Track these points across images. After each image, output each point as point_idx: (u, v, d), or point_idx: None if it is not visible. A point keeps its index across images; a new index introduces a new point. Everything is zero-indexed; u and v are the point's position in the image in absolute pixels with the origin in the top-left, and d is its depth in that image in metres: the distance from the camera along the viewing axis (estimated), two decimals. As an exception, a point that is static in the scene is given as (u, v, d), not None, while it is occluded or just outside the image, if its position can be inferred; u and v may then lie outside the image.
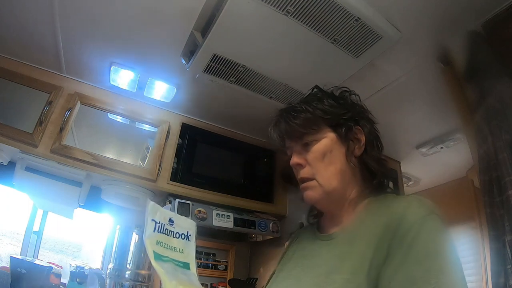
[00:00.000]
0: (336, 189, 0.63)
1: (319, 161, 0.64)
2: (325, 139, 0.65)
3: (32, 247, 1.56)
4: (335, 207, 0.66)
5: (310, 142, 0.66)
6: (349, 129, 0.66)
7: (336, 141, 0.65)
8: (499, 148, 0.87)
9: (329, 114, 0.66)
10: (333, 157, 0.64)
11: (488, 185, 0.89)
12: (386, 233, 0.52)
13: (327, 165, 0.63)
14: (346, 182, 0.64)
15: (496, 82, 0.94)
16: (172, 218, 0.59)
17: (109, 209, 1.66)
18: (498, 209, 0.84)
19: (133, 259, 1.51)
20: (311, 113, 0.66)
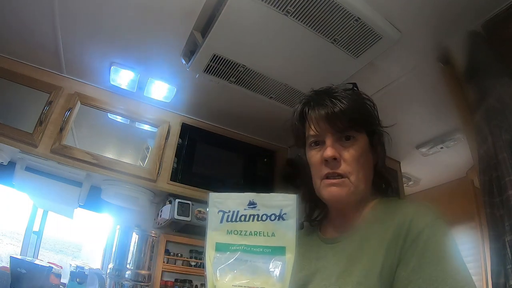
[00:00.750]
0: (362, 192, 0.62)
1: (356, 161, 0.60)
2: (363, 140, 0.63)
3: (32, 247, 1.56)
4: (350, 209, 0.65)
5: (351, 138, 0.61)
6: (378, 136, 0.66)
7: (368, 146, 0.64)
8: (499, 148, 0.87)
9: (371, 117, 0.66)
10: (366, 160, 0.62)
11: (488, 185, 0.89)
12: (397, 237, 0.52)
13: (361, 167, 0.61)
14: (369, 187, 0.64)
15: (496, 82, 0.94)
16: (254, 200, 0.51)
17: (109, 209, 1.66)
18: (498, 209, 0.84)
19: (133, 259, 1.51)
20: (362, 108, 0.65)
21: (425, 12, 1.02)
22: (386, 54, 1.15)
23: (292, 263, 0.47)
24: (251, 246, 0.47)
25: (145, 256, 1.55)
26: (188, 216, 1.47)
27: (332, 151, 0.60)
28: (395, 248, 0.51)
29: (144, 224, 1.67)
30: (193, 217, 1.49)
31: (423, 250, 0.49)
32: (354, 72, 1.25)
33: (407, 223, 0.53)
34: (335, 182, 0.60)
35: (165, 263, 1.67)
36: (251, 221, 0.49)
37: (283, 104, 1.47)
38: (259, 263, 0.46)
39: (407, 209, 0.57)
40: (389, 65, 1.24)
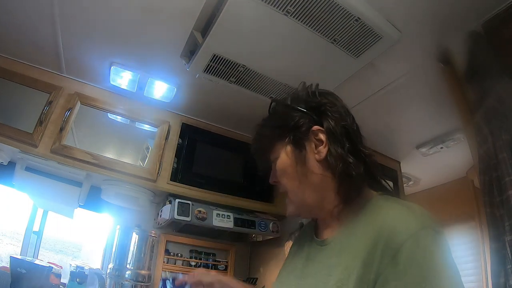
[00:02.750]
0: (308, 201, 0.61)
1: (282, 178, 0.64)
2: (282, 155, 0.63)
3: (32, 247, 1.56)
4: (317, 216, 0.66)
5: (274, 160, 0.65)
6: (302, 135, 0.61)
7: (292, 152, 0.61)
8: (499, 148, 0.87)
9: (277, 129, 0.64)
10: (294, 170, 0.61)
11: (488, 185, 0.89)
12: (375, 248, 0.47)
13: (291, 180, 0.62)
14: (318, 190, 0.60)
15: (496, 82, 0.94)
16: None
17: (109, 209, 1.66)
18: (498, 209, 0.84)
19: (133, 259, 1.51)
20: (264, 134, 0.67)
21: (425, 12, 1.02)
22: (386, 54, 1.15)
23: None
24: None
25: (145, 256, 1.55)
26: (188, 216, 1.47)
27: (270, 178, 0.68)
28: (374, 261, 0.46)
29: (144, 224, 1.67)
30: (193, 217, 1.49)
31: (404, 270, 0.43)
32: (354, 72, 1.25)
33: (387, 233, 0.47)
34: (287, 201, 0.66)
35: (165, 263, 1.67)
36: None
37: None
38: None
39: (388, 214, 0.51)
40: (389, 65, 1.24)
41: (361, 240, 0.51)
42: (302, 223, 1.63)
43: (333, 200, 0.60)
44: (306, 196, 0.61)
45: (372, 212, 0.55)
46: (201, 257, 1.79)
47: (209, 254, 1.84)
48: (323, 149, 0.59)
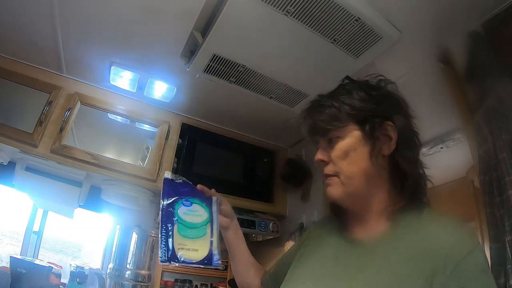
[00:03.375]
0: (359, 190, 0.60)
1: (341, 159, 0.60)
2: (349, 137, 0.61)
3: (32, 247, 1.56)
4: (359, 208, 0.63)
5: (334, 139, 0.62)
6: (377, 125, 0.60)
7: (361, 139, 0.60)
8: (499, 148, 0.87)
9: (355, 110, 0.61)
10: (357, 156, 0.60)
11: (488, 185, 0.89)
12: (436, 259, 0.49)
13: (350, 164, 0.60)
14: (371, 183, 0.60)
15: (496, 82, 0.94)
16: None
17: (109, 209, 1.66)
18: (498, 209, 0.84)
19: (133, 259, 1.51)
20: (336, 108, 0.62)
21: (425, 12, 1.02)
22: (386, 54, 1.15)
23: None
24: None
25: (145, 256, 1.55)
26: (188, 216, 1.47)
27: (318, 155, 0.64)
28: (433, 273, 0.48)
29: (144, 224, 1.67)
30: (193, 217, 1.48)
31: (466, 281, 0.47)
32: (354, 72, 1.25)
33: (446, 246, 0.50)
34: (329, 182, 0.63)
35: (165, 263, 1.67)
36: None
37: (283, 104, 1.47)
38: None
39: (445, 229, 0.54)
40: (389, 65, 1.24)
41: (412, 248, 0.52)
42: (302, 223, 1.63)
43: (382, 199, 0.61)
44: (359, 185, 0.60)
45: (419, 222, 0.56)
46: (201, 257, 1.79)
47: (209, 254, 1.83)
48: (392, 145, 0.60)
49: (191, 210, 0.73)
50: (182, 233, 0.69)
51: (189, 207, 0.73)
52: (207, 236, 0.71)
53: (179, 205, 0.73)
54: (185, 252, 0.67)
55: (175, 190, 0.75)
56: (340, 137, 0.61)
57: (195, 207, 0.74)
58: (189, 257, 0.67)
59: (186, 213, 0.72)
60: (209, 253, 0.68)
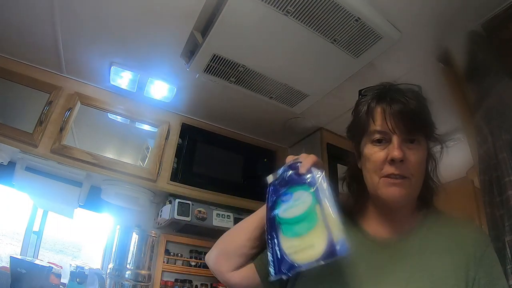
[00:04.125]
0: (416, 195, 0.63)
1: (419, 165, 0.60)
2: (425, 146, 0.62)
3: (32, 247, 1.56)
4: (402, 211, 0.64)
5: (415, 141, 0.59)
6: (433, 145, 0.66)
7: (426, 150, 0.63)
8: (499, 148, 0.87)
9: (432, 124, 0.65)
10: (424, 165, 0.62)
11: (488, 185, 0.89)
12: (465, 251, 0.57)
13: (422, 172, 0.61)
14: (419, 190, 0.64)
15: (496, 82, 0.94)
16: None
17: (109, 209, 1.66)
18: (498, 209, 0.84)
19: (133, 259, 1.51)
20: (427, 113, 0.63)
21: (425, 12, 1.02)
22: (386, 54, 1.15)
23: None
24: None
25: (145, 256, 1.55)
26: (188, 216, 1.47)
27: (401, 152, 0.57)
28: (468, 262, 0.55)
29: (144, 224, 1.67)
30: (193, 217, 1.49)
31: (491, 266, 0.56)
32: (354, 72, 1.25)
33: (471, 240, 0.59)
34: (396, 182, 0.58)
35: (165, 263, 1.67)
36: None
37: (283, 104, 1.47)
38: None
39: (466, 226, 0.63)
40: (389, 65, 1.24)
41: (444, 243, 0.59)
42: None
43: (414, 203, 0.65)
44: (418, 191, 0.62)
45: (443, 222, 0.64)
46: (201, 257, 1.79)
47: (209, 254, 1.83)
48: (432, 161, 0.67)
49: (292, 201, 0.57)
50: (288, 233, 0.55)
51: (288, 201, 0.58)
52: (320, 223, 0.53)
53: (279, 205, 0.59)
54: (297, 255, 0.52)
55: (275, 192, 0.61)
56: (420, 142, 0.60)
57: (297, 195, 0.58)
58: (304, 258, 0.51)
59: (286, 209, 0.57)
60: (328, 243, 0.50)
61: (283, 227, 0.55)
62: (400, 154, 0.57)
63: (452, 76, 1.15)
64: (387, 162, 0.58)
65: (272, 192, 0.61)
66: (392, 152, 0.57)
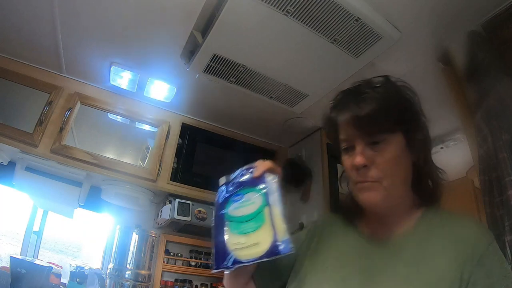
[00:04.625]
0: (399, 196, 0.60)
1: (388, 165, 0.57)
2: (397, 141, 0.58)
3: (32, 247, 1.56)
4: (391, 212, 0.62)
5: (380, 141, 0.57)
6: (418, 134, 0.60)
7: (405, 146, 0.58)
8: (499, 148, 0.87)
9: (405, 114, 0.59)
10: (402, 162, 0.58)
11: (488, 185, 0.89)
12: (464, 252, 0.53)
13: (396, 171, 0.57)
14: (408, 189, 0.61)
15: (496, 82, 0.94)
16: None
17: (109, 209, 1.66)
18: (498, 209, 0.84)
19: (133, 259, 1.51)
20: (388, 108, 0.57)
21: (425, 12, 1.02)
22: (386, 54, 1.15)
23: None
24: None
25: (145, 256, 1.55)
26: (188, 216, 1.47)
27: (361, 159, 0.56)
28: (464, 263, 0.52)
29: (144, 224, 1.67)
30: (193, 217, 1.49)
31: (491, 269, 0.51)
32: (354, 72, 1.25)
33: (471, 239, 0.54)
34: (367, 187, 0.58)
35: (165, 263, 1.67)
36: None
37: (283, 104, 1.47)
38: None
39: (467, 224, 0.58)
40: (389, 65, 1.24)
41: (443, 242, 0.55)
42: (302, 223, 1.63)
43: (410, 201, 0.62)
44: (400, 191, 0.59)
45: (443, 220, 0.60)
46: (201, 257, 1.79)
47: (209, 254, 1.83)
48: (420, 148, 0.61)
49: (243, 201, 0.60)
50: (235, 230, 0.58)
51: (240, 200, 0.61)
52: (267, 223, 0.56)
53: (229, 203, 0.62)
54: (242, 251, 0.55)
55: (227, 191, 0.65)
56: (386, 140, 0.57)
57: (247, 196, 0.61)
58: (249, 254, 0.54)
59: (236, 207, 0.60)
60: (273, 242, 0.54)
61: (231, 225, 0.59)
62: (361, 161, 0.56)
63: (452, 76, 1.15)
64: (354, 169, 0.58)
65: (224, 191, 0.65)
66: (354, 159, 0.57)
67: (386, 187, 0.57)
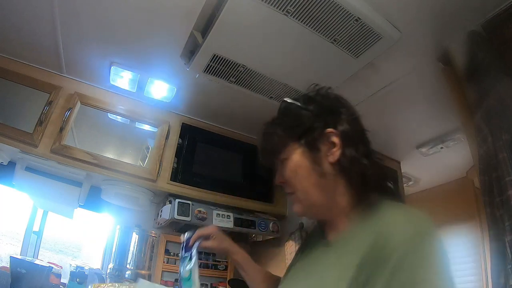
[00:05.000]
0: (317, 202, 0.61)
1: (292, 178, 0.63)
2: (294, 155, 0.62)
3: (32, 247, 1.56)
4: (324, 217, 0.65)
5: (284, 160, 0.64)
6: (316, 137, 0.61)
7: (305, 154, 0.61)
8: (499, 148, 0.87)
9: (289, 130, 0.64)
10: (304, 171, 0.61)
11: (488, 185, 0.89)
12: (371, 252, 0.49)
13: (301, 181, 0.62)
14: (329, 192, 0.60)
15: (496, 82, 0.94)
16: None
17: (109, 209, 1.66)
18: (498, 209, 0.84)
19: (133, 259, 1.51)
20: (274, 133, 0.65)
21: (425, 12, 1.02)
22: (386, 54, 1.15)
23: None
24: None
25: (145, 256, 1.56)
26: (188, 216, 1.47)
27: (277, 178, 0.66)
28: (368, 265, 0.48)
29: (144, 224, 1.67)
30: (193, 217, 1.49)
31: (393, 273, 0.45)
32: (354, 72, 1.25)
33: (383, 236, 0.50)
34: (291, 199, 0.65)
35: (165, 263, 1.67)
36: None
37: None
38: None
39: (386, 219, 0.54)
40: (389, 65, 1.24)
41: (360, 242, 0.53)
42: (302, 223, 1.63)
43: (342, 202, 0.61)
44: (316, 198, 0.61)
45: (374, 216, 0.56)
46: (201, 257, 1.79)
47: (209, 254, 1.84)
48: (336, 151, 0.59)
49: (186, 263, 0.79)
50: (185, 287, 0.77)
51: (184, 262, 0.80)
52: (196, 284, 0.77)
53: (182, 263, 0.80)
54: None
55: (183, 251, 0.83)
56: (286, 158, 0.63)
57: (187, 260, 0.80)
58: None
59: (183, 268, 0.79)
60: None
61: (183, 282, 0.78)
62: (277, 180, 0.67)
63: (452, 76, 1.15)
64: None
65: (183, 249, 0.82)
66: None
67: (300, 198, 0.62)
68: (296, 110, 0.65)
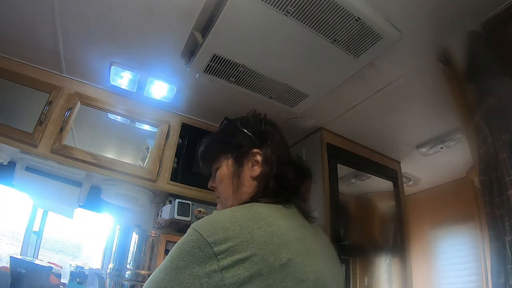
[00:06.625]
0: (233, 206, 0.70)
1: (219, 185, 0.76)
2: (224, 166, 0.75)
3: (32, 247, 1.56)
4: None
5: (215, 169, 0.77)
6: (243, 154, 0.73)
7: (231, 167, 0.74)
8: (499, 148, 0.87)
9: (224, 144, 0.77)
10: (228, 181, 0.73)
11: (488, 185, 0.89)
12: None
13: (224, 188, 0.74)
14: (242, 200, 0.68)
15: (496, 82, 0.94)
16: None
17: (109, 209, 1.66)
18: (498, 209, 0.84)
19: (133, 259, 1.51)
20: (210, 146, 0.80)
21: (425, 12, 1.02)
22: (386, 54, 1.15)
23: None
24: None
25: (145, 256, 1.55)
26: (188, 216, 1.47)
27: (210, 183, 0.80)
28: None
29: (144, 224, 1.67)
30: (193, 217, 1.49)
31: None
32: (354, 72, 1.25)
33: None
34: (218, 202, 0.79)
35: (165, 263, 1.67)
36: None
37: (283, 104, 1.47)
38: None
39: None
40: (389, 65, 1.24)
41: None
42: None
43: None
44: (231, 204, 0.72)
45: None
46: (201, 257, 1.79)
47: (209, 254, 1.83)
48: (257, 168, 0.71)
49: None
50: None
51: None
52: None
53: None
54: None
55: None
56: (218, 167, 0.76)
57: None
58: None
59: None
60: None
61: None
62: (209, 184, 0.81)
63: (452, 76, 1.15)
64: None
65: None
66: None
67: (222, 202, 0.76)
68: (233, 128, 0.77)
